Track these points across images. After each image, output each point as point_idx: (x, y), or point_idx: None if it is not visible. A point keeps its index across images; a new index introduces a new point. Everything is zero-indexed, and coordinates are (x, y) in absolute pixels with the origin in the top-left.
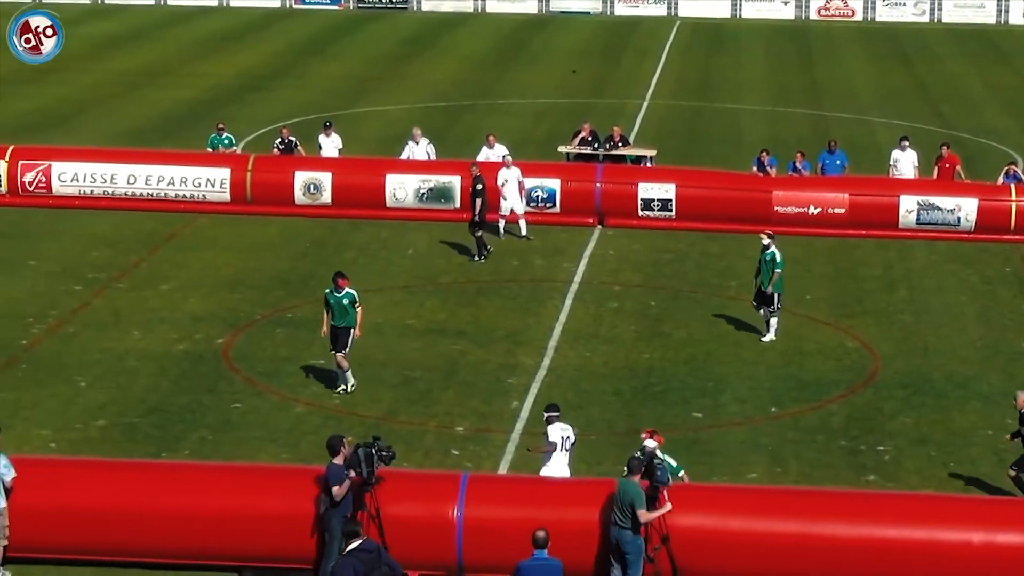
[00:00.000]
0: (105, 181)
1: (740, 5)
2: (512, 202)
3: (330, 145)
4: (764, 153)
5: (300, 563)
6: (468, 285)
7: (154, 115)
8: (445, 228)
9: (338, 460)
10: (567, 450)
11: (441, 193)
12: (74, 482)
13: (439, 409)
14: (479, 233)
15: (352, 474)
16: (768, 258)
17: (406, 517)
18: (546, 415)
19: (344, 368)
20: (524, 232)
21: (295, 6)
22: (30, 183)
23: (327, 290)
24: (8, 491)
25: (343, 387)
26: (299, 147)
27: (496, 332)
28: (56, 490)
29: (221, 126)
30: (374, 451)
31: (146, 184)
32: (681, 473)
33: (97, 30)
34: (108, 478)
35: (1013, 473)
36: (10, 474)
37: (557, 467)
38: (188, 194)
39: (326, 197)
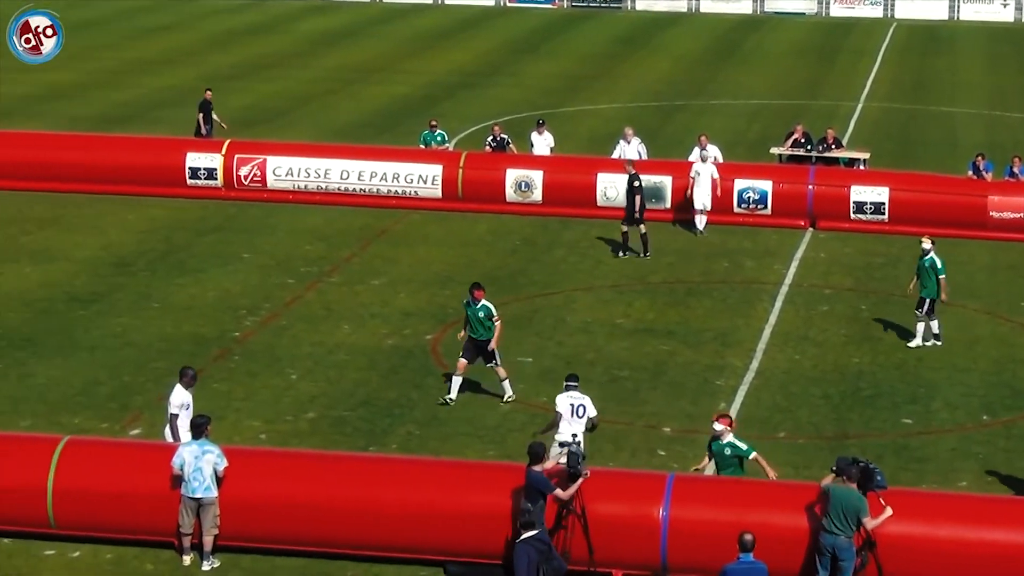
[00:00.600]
0: (319, 176)
1: (958, 7)
2: (702, 196)
3: (542, 143)
4: (980, 157)
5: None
6: (678, 285)
7: (368, 111)
8: (655, 228)
9: (538, 467)
10: (580, 418)
11: (652, 192)
12: (284, 473)
13: (646, 409)
14: (643, 231)
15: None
16: (927, 264)
17: (611, 516)
18: (565, 383)
19: (502, 377)
20: (701, 228)
21: (509, 4)
22: (245, 177)
23: (464, 301)
24: (220, 481)
25: (506, 396)
26: (511, 145)
27: (705, 333)
28: (266, 481)
29: (434, 123)
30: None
31: (359, 180)
32: (753, 455)
33: (315, 26)
34: (317, 470)
35: None
36: (222, 464)
37: (565, 436)
38: (400, 190)
39: (537, 195)
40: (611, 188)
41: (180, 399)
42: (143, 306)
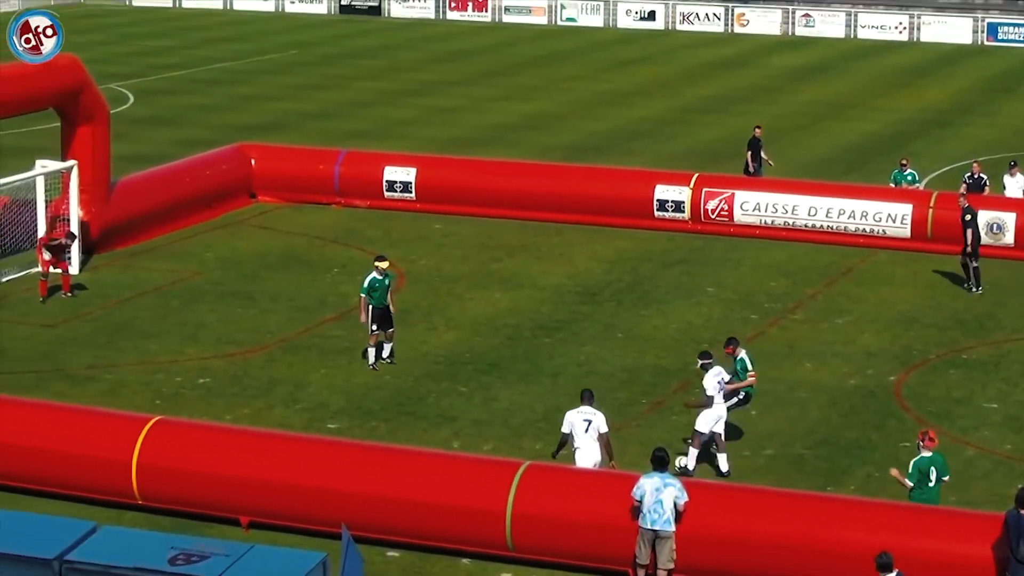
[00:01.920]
0: (786, 212)
1: None
2: None
3: (1014, 185)
4: None
5: None
6: None
7: (837, 148)
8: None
9: None
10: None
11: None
12: (742, 509)
13: None
14: (973, 264)
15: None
16: None
17: None
18: (700, 361)
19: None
20: None
21: (987, 43)
22: (712, 211)
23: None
24: (680, 515)
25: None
26: (987, 185)
27: None
28: (723, 516)
29: (904, 162)
30: None
31: (826, 216)
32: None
33: (787, 61)
34: (772, 507)
35: None
36: (683, 498)
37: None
38: (868, 228)
39: (1009, 238)
40: None
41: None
42: (607, 336)
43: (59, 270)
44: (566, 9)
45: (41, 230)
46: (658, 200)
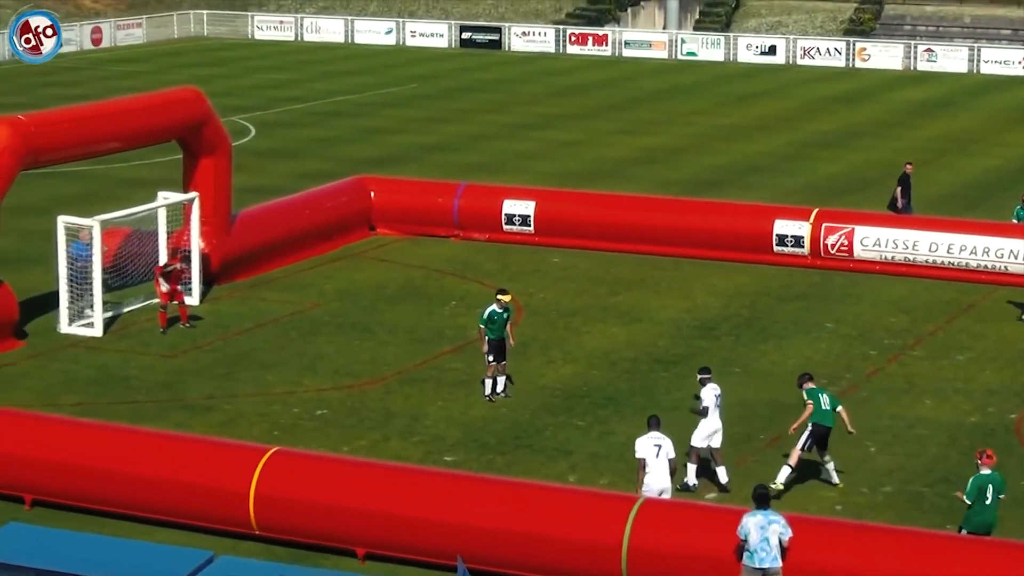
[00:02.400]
0: (907, 247)
1: None
2: None
3: None
4: None
5: None
6: None
7: (959, 183)
8: None
9: None
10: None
11: None
12: (857, 546)
13: None
14: None
15: None
16: None
17: None
18: (699, 376)
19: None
20: None
21: None
22: (832, 246)
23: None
24: (785, 551)
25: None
26: None
27: None
28: (835, 553)
29: None
30: None
31: (948, 252)
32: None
33: (910, 96)
34: (888, 545)
35: None
36: (788, 534)
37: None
38: (989, 264)
39: None
40: None
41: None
42: (725, 371)
43: (176, 301)
44: (686, 43)
45: (162, 261)
46: (777, 235)
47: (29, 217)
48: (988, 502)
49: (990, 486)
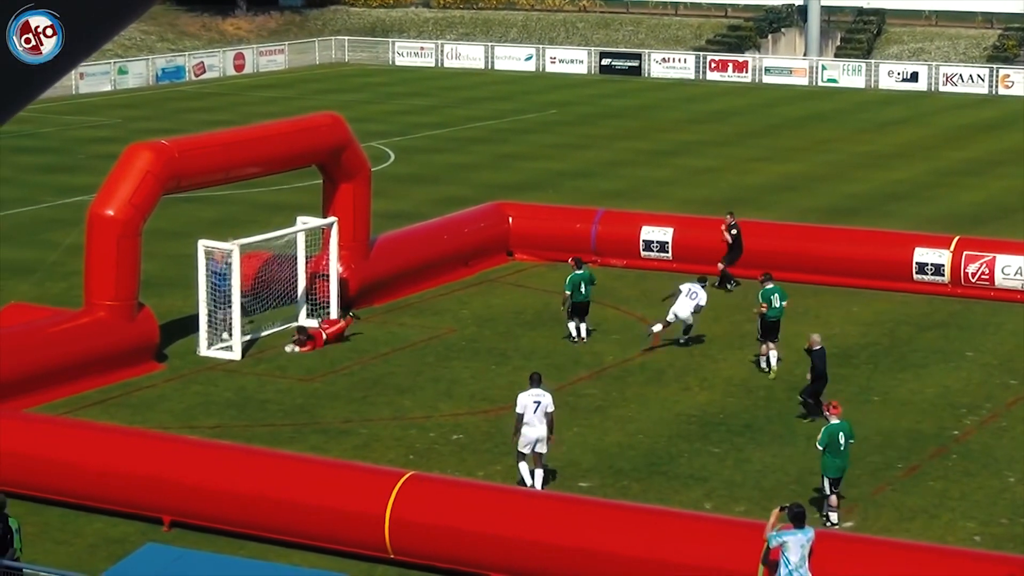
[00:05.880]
0: None
1: None
2: None
3: None
4: None
5: None
6: None
7: None
8: None
9: None
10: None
11: None
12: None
13: None
14: None
15: None
16: None
17: None
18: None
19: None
20: None
21: None
22: (973, 274)
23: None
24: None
25: None
26: None
27: None
28: None
29: None
30: None
31: None
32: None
33: None
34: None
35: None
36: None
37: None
38: None
39: None
40: None
41: None
42: (863, 398)
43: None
44: (827, 70)
45: (301, 286)
46: (917, 263)
47: (170, 241)
48: (842, 448)
49: (840, 434)
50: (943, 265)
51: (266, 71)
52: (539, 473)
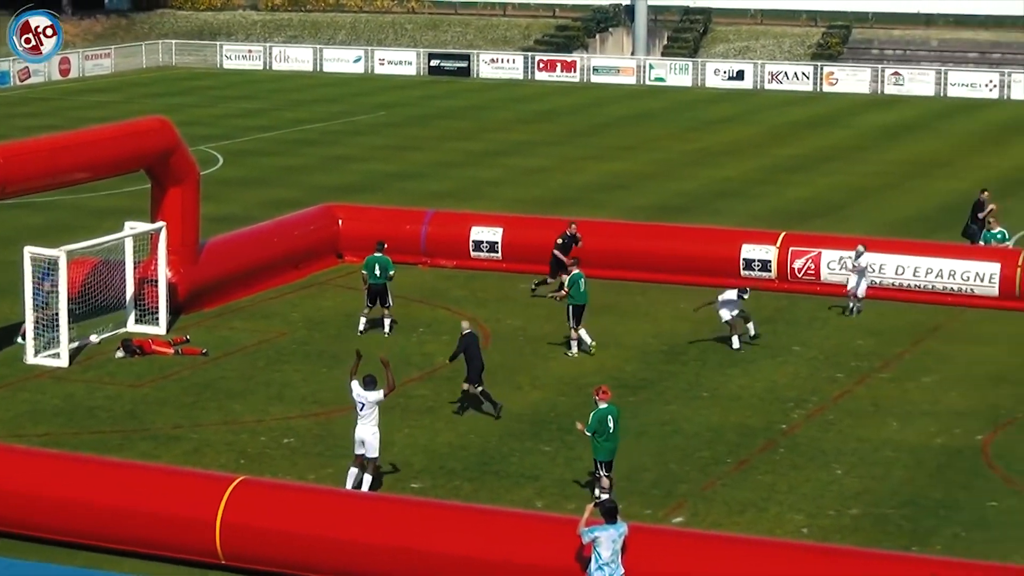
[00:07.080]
0: (873, 271)
1: None
2: None
3: None
4: None
5: None
6: None
7: (927, 206)
8: None
9: None
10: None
11: None
12: (825, 570)
13: None
14: None
15: None
16: None
17: None
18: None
19: None
20: None
21: None
22: (799, 270)
23: None
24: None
25: None
26: None
27: None
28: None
29: (992, 220)
30: None
31: (914, 276)
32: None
33: (877, 120)
34: (858, 569)
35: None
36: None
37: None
38: (956, 287)
39: None
40: None
41: None
42: (692, 395)
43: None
44: (655, 69)
45: (130, 291)
46: (744, 259)
47: None
48: (611, 431)
49: (609, 417)
50: (770, 261)
51: (92, 75)
52: (367, 478)
